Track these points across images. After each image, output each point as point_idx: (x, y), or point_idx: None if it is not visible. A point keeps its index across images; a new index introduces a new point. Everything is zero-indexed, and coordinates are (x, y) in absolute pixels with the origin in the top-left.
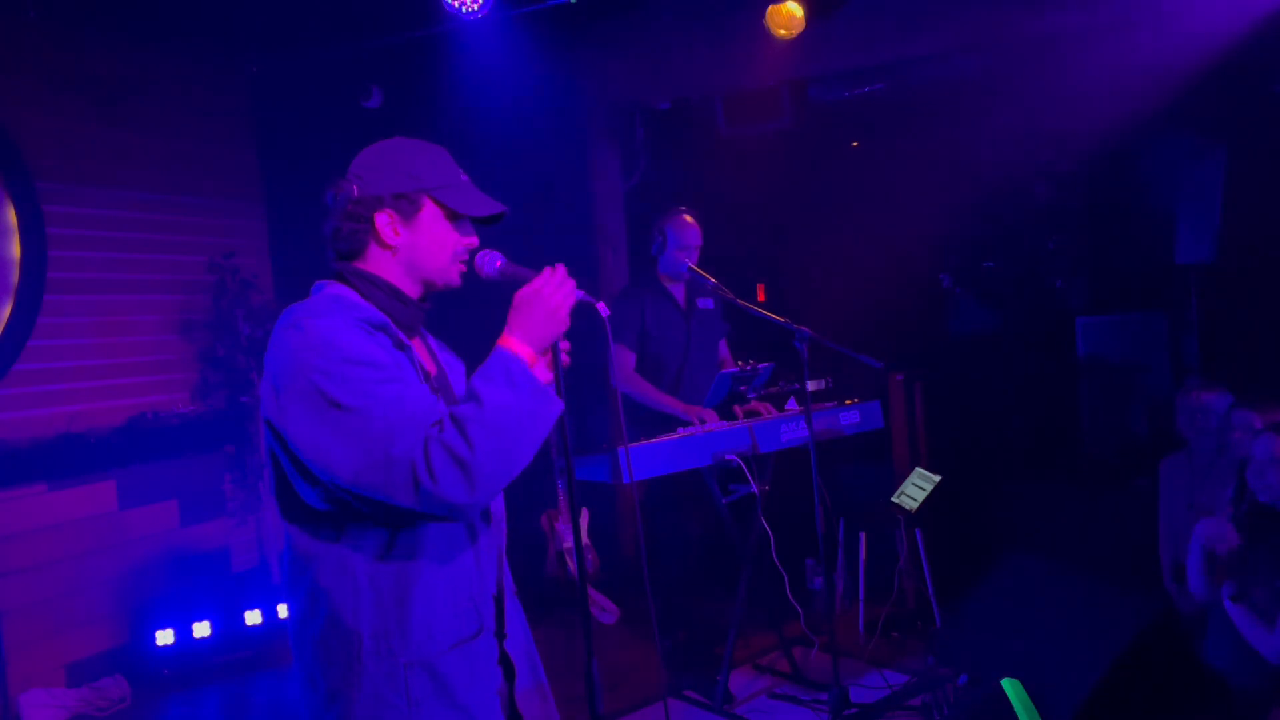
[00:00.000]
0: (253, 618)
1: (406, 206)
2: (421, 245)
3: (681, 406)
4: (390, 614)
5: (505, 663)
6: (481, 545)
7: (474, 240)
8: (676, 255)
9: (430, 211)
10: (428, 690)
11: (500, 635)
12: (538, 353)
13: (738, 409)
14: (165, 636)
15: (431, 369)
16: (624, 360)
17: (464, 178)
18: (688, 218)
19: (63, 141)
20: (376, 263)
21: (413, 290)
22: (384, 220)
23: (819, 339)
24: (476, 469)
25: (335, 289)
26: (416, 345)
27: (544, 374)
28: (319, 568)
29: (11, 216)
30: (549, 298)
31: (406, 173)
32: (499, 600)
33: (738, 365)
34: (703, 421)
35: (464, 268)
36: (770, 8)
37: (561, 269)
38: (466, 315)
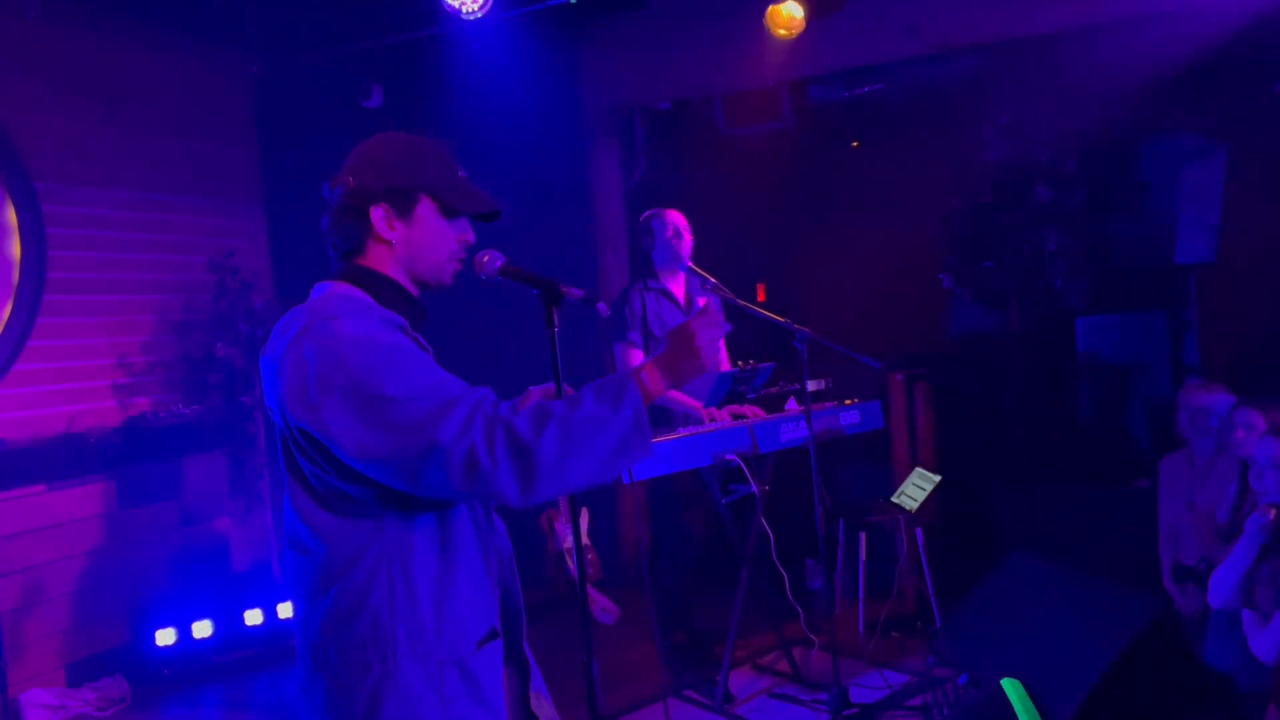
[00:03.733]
0: (253, 618)
1: (402, 202)
2: (417, 241)
3: (692, 401)
4: (426, 613)
5: (517, 662)
6: (489, 546)
7: (470, 237)
8: (670, 244)
9: (426, 208)
10: (459, 688)
11: (505, 635)
12: (672, 385)
13: (728, 410)
14: (165, 636)
15: None
16: (630, 358)
17: (462, 174)
18: (667, 211)
19: (63, 141)
20: (376, 259)
21: (411, 288)
22: (379, 215)
23: (819, 339)
24: (538, 461)
25: (344, 289)
26: None
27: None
28: (353, 571)
29: (11, 216)
30: (701, 333)
31: (403, 168)
32: (509, 601)
33: (737, 365)
34: (712, 420)
35: (458, 266)
36: (770, 8)
37: (715, 311)
38: (465, 316)
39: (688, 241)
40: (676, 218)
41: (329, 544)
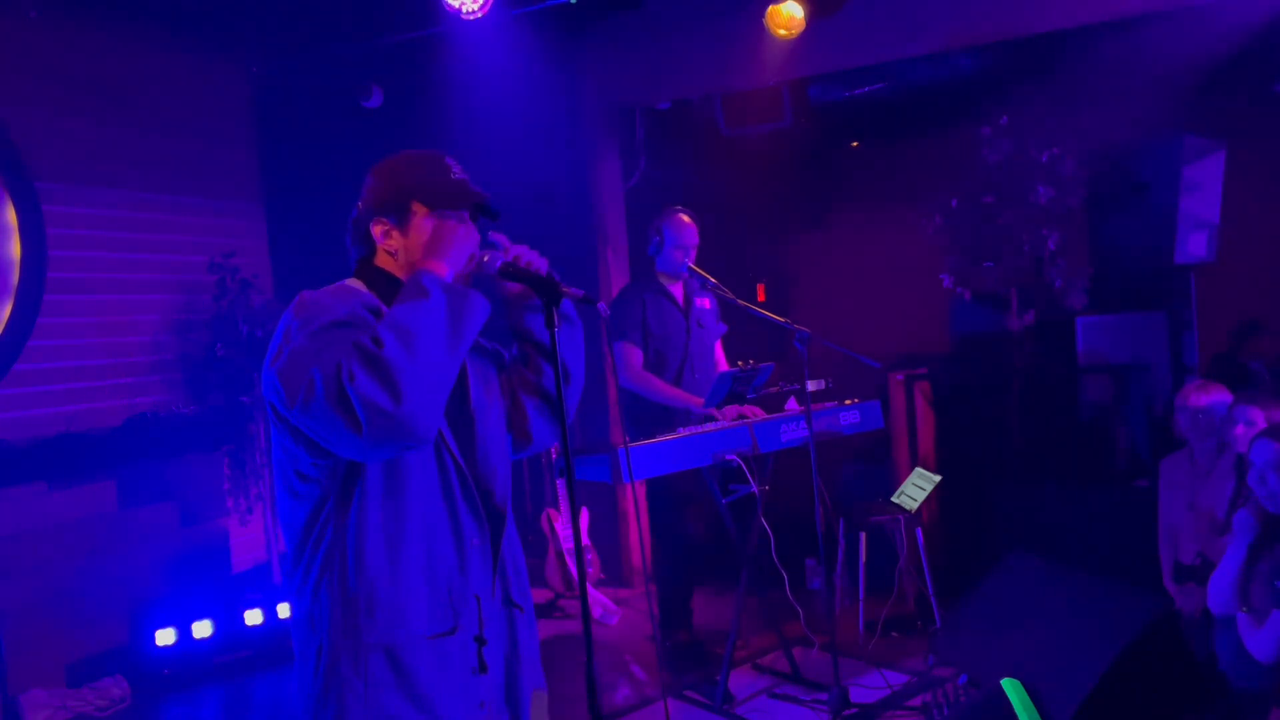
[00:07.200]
0: (253, 618)
1: (396, 213)
2: (416, 248)
3: (695, 400)
4: (359, 594)
5: (487, 669)
6: (469, 544)
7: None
8: (673, 255)
9: (417, 212)
10: (387, 676)
11: (481, 640)
12: (452, 267)
13: (728, 410)
14: (165, 636)
15: None
16: (632, 357)
17: (453, 175)
18: (684, 217)
19: (63, 141)
20: (386, 267)
21: None
22: (379, 230)
23: (819, 339)
24: (391, 366)
25: (348, 282)
26: None
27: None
28: (305, 548)
29: (11, 216)
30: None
31: (390, 180)
32: (490, 604)
33: (738, 365)
34: (713, 419)
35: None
36: (770, 8)
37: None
38: None
39: (692, 255)
40: (689, 231)
41: (292, 529)
